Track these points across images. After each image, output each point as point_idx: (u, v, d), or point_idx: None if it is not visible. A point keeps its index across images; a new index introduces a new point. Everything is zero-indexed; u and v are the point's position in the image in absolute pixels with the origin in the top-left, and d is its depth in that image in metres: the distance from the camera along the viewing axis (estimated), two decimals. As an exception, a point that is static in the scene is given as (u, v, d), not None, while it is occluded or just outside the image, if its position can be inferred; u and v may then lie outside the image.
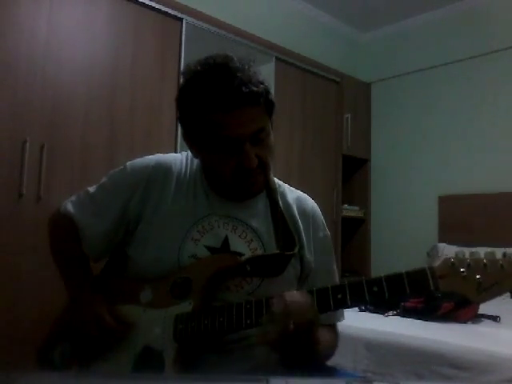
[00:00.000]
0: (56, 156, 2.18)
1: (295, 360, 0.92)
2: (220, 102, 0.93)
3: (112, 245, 1.12)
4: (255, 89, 0.94)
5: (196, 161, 1.13)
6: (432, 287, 0.82)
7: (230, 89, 0.93)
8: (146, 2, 2.53)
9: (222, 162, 0.99)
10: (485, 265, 0.81)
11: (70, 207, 1.11)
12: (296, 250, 1.03)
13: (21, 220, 2.06)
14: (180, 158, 1.13)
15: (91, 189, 1.13)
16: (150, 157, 1.13)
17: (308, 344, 0.89)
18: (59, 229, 1.14)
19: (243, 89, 0.93)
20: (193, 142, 1.04)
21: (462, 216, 3.52)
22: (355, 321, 2.00)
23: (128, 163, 1.13)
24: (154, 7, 2.56)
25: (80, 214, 1.10)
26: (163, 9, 2.60)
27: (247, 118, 0.95)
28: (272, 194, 1.11)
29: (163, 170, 1.09)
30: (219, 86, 0.94)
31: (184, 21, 2.69)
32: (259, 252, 1.04)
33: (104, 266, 1.18)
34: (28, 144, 2.08)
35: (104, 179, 1.14)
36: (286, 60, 3.32)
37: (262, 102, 0.98)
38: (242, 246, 1.04)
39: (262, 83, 0.98)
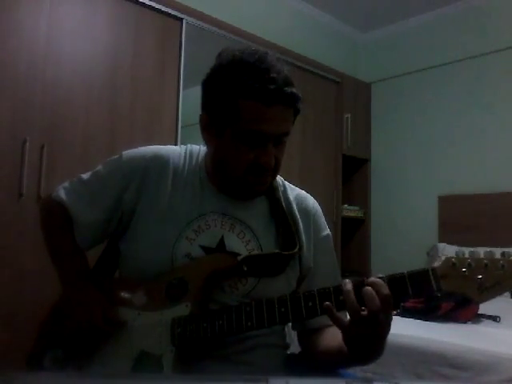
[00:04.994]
0: (56, 156, 2.18)
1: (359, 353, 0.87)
2: (262, 92, 0.91)
3: (103, 235, 1.09)
4: (295, 92, 0.95)
5: (195, 156, 1.10)
6: (434, 288, 0.81)
7: (274, 83, 0.91)
8: (146, 2, 2.53)
9: (241, 153, 0.96)
10: (486, 265, 0.81)
11: (62, 194, 1.08)
12: (296, 250, 1.01)
13: (21, 220, 2.06)
14: (178, 152, 1.10)
15: (85, 176, 1.10)
16: (147, 147, 1.10)
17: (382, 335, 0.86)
18: (51, 216, 1.11)
19: (286, 88, 0.93)
20: (214, 125, 0.99)
21: (462, 216, 3.52)
22: (355, 321, 1.99)
23: (124, 152, 1.10)
24: (154, 7, 2.56)
25: (72, 201, 1.07)
26: (163, 9, 2.60)
27: (281, 118, 0.95)
28: (273, 192, 1.09)
29: (160, 162, 1.06)
30: (265, 76, 0.92)
31: (184, 21, 2.69)
32: (256, 253, 1.01)
33: (96, 262, 1.16)
34: (28, 144, 2.08)
35: (99, 167, 1.11)
36: (286, 60, 3.29)
37: (295, 105, 0.97)
38: (239, 246, 1.01)
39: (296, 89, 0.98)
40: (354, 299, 0.82)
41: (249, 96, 0.92)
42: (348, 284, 0.83)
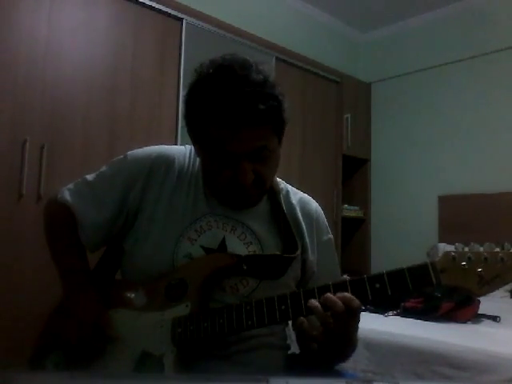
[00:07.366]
0: (56, 156, 2.18)
1: (333, 352, 0.92)
2: (223, 118, 0.90)
3: (110, 236, 1.09)
4: (263, 107, 0.90)
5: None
6: (434, 281, 0.81)
7: (235, 106, 0.88)
8: (146, 2, 2.53)
9: (218, 171, 0.96)
10: (485, 258, 0.81)
11: (67, 195, 1.07)
12: (297, 253, 1.01)
13: (21, 220, 2.06)
14: (184, 152, 1.10)
15: (89, 177, 1.10)
16: (153, 147, 1.10)
17: (351, 334, 0.91)
18: (56, 218, 1.11)
19: (250, 108, 0.89)
20: (194, 141, 1.01)
21: (462, 216, 3.52)
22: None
23: (129, 153, 1.10)
24: (154, 7, 2.56)
25: (78, 203, 1.06)
26: (163, 9, 2.60)
27: (248, 137, 0.91)
28: (275, 195, 1.09)
29: (165, 162, 1.06)
30: (225, 100, 0.89)
31: (184, 21, 2.69)
32: (257, 254, 1.02)
33: (99, 260, 1.15)
34: (28, 144, 2.08)
35: (103, 168, 1.11)
36: (286, 60, 3.32)
37: (270, 121, 0.93)
38: (240, 248, 1.01)
39: (276, 99, 0.93)
40: (322, 311, 0.85)
41: (214, 124, 0.91)
42: (314, 302, 0.86)
